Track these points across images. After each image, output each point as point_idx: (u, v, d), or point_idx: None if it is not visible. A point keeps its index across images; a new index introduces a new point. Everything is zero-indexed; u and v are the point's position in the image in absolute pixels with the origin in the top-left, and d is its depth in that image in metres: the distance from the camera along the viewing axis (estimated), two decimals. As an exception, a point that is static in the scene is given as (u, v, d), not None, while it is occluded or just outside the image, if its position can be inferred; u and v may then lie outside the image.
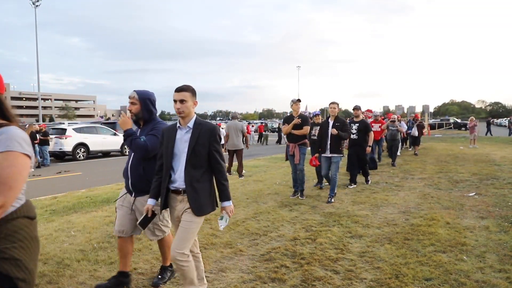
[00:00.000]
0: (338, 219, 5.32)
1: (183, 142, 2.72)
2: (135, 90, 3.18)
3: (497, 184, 7.93)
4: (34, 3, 35.65)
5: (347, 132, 6.54)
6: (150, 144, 3.02)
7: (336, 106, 6.60)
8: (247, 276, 3.49)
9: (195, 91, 2.79)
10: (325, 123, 6.72)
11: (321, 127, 6.80)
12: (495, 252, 3.96)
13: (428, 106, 55.97)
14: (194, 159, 2.68)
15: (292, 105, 7.03)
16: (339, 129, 6.38)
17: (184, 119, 2.74)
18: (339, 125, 6.45)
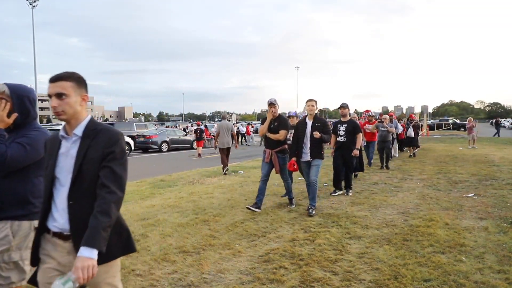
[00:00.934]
0: (337, 220, 5.30)
1: (68, 158, 1.84)
2: (5, 83, 2.33)
3: (496, 184, 7.93)
4: (31, 3, 35.57)
5: (329, 134, 5.85)
6: (11, 154, 2.16)
7: (314, 103, 5.84)
8: (245, 277, 3.47)
9: (84, 81, 1.91)
10: (302, 123, 5.90)
11: (297, 128, 5.92)
12: (494, 253, 3.95)
13: (427, 106, 56.13)
14: (82, 184, 1.80)
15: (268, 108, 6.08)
16: (319, 130, 5.67)
17: (70, 123, 1.85)
18: (319, 125, 5.73)
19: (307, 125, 5.82)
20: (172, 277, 3.48)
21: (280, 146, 5.89)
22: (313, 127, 5.71)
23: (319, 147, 5.74)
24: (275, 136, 5.82)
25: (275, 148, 5.89)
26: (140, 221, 5.39)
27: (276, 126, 5.86)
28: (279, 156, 5.89)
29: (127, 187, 2.08)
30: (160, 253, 4.07)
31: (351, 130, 7.20)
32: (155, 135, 20.62)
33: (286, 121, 5.95)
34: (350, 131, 7.19)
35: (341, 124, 7.34)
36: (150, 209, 6.17)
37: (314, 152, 5.75)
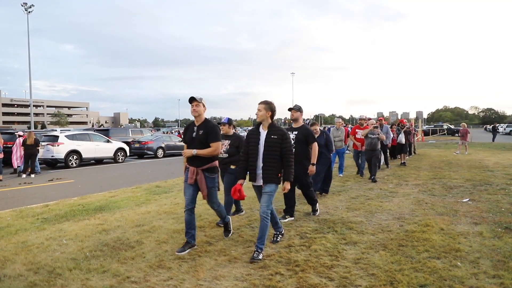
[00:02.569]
0: (332, 226, 5.30)
1: None
2: None
3: (491, 190, 7.97)
4: (27, 9, 35.57)
5: (289, 148, 4.26)
6: None
7: (263, 108, 4.26)
8: (241, 283, 3.45)
9: None
10: (254, 133, 4.35)
11: (248, 139, 4.42)
12: (489, 258, 3.97)
13: (421, 112, 56.58)
14: None
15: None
16: (276, 144, 4.20)
17: None
18: (276, 138, 4.20)
19: (260, 136, 4.29)
20: (168, 284, 3.45)
21: (209, 163, 4.38)
22: (267, 140, 4.23)
23: (275, 167, 4.20)
24: (206, 152, 4.28)
25: (201, 165, 4.35)
26: (136, 228, 5.36)
27: (202, 135, 4.30)
28: (206, 176, 4.38)
29: (122, 193, 2.07)
30: (155, 260, 4.04)
31: (302, 139, 5.64)
32: (150, 141, 20.58)
33: (215, 128, 4.39)
34: (301, 140, 5.64)
35: (291, 132, 5.72)
36: (146, 215, 6.14)
37: (268, 174, 4.19)
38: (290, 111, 5.85)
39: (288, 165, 4.21)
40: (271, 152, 4.17)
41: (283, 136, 4.21)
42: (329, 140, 7.46)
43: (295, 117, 5.83)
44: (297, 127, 5.81)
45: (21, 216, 6.34)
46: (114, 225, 5.53)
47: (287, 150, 4.19)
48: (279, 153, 4.17)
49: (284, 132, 4.26)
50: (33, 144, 12.88)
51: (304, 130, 5.75)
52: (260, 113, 4.27)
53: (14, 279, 3.60)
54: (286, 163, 4.20)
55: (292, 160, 4.23)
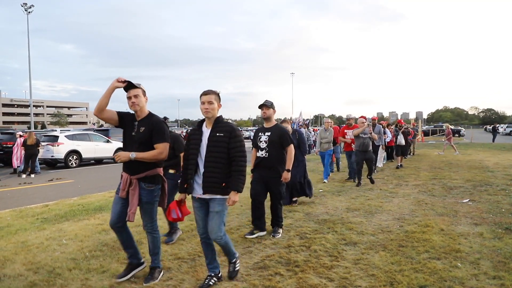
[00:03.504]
0: (332, 226, 5.30)
1: None
2: None
3: (491, 190, 7.97)
4: (26, 9, 35.58)
5: (240, 149, 3.30)
6: None
7: (215, 99, 3.32)
8: (241, 284, 3.45)
9: None
10: (195, 133, 3.42)
11: (189, 140, 3.47)
12: (489, 259, 3.96)
13: (421, 112, 56.56)
14: None
15: None
16: (222, 144, 3.27)
17: None
18: (221, 136, 3.28)
19: (202, 136, 3.37)
20: (167, 284, 3.45)
21: (148, 170, 3.39)
22: (211, 139, 3.29)
23: (220, 173, 3.24)
24: (149, 156, 3.31)
25: (137, 173, 3.37)
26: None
27: (145, 133, 3.36)
28: (142, 187, 3.39)
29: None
30: (155, 260, 4.03)
31: (277, 140, 4.82)
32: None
33: (162, 124, 3.44)
34: (275, 142, 4.82)
35: (262, 132, 4.94)
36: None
37: (209, 182, 3.25)
38: (261, 108, 4.91)
39: (238, 171, 3.26)
40: (215, 153, 3.25)
41: (231, 133, 3.28)
42: (302, 140, 6.69)
43: (268, 115, 4.92)
44: (269, 127, 4.95)
45: (21, 216, 6.33)
46: (114, 225, 5.52)
47: (236, 151, 3.26)
48: (226, 155, 3.25)
49: (233, 128, 3.33)
50: (33, 144, 12.87)
51: (279, 130, 4.88)
52: (212, 107, 3.29)
53: (14, 278, 3.60)
54: (235, 168, 3.25)
55: (243, 164, 3.29)
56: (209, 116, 3.31)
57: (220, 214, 3.31)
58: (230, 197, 3.25)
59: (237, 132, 3.32)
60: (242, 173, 3.29)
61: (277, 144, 4.83)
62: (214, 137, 3.29)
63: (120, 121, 3.51)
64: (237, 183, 3.27)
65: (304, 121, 21.15)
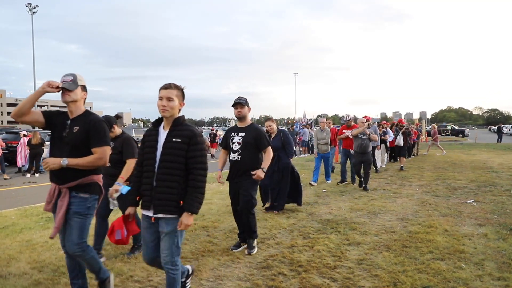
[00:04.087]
0: (335, 226, 5.29)
1: None
2: None
3: (495, 191, 7.93)
4: (31, 9, 35.75)
5: (200, 159, 2.67)
6: None
7: (176, 95, 2.72)
8: (244, 283, 3.45)
9: None
10: (151, 134, 2.81)
11: (143, 143, 2.84)
12: (494, 260, 3.94)
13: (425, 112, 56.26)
14: None
15: None
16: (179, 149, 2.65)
17: None
18: (179, 142, 2.66)
19: (158, 138, 2.74)
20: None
21: (82, 177, 2.81)
22: (167, 145, 2.67)
23: (176, 187, 2.63)
24: (84, 162, 2.75)
25: (68, 181, 2.79)
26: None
27: (79, 134, 2.79)
28: (73, 196, 2.81)
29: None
30: (158, 260, 4.04)
31: (252, 142, 4.20)
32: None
33: (101, 124, 2.86)
34: (250, 144, 4.20)
35: (235, 132, 4.34)
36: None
37: (161, 200, 2.63)
38: (235, 107, 4.28)
39: (194, 187, 2.61)
40: (170, 163, 2.61)
41: (191, 139, 2.63)
42: (288, 141, 6.17)
43: (243, 114, 4.28)
44: (244, 127, 4.33)
45: (25, 215, 6.37)
46: (118, 224, 5.53)
47: (195, 162, 2.62)
48: (183, 166, 2.63)
49: (194, 133, 2.66)
50: (38, 144, 12.93)
51: (254, 130, 4.27)
52: (171, 104, 2.66)
53: (19, 277, 3.62)
54: (192, 183, 2.62)
55: (202, 179, 2.65)
56: (167, 116, 2.69)
57: (171, 236, 2.63)
58: (182, 220, 2.58)
59: (198, 138, 2.68)
60: (200, 190, 2.64)
61: (252, 146, 4.20)
62: (170, 143, 2.65)
63: (47, 121, 2.91)
64: (191, 203, 2.59)
65: (307, 121, 21.14)
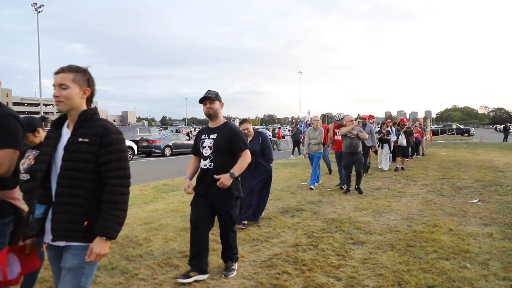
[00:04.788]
0: (340, 226, 5.28)
1: None
2: None
3: (501, 190, 7.88)
4: (36, 9, 35.96)
5: (117, 165, 2.00)
6: None
7: (71, 78, 2.00)
8: (248, 282, 3.46)
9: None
10: (50, 136, 2.13)
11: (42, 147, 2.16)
12: (499, 260, 3.92)
13: (430, 111, 55.73)
14: None
15: None
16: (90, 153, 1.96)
17: None
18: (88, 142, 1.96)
19: (59, 141, 2.06)
20: (175, 282, 3.47)
21: None
22: (69, 147, 1.98)
23: (80, 205, 1.94)
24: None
25: None
26: (143, 225, 5.39)
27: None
28: None
29: (130, 191, 2.09)
30: (163, 258, 4.07)
31: (224, 145, 3.47)
32: (158, 139, 20.67)
33: (8, 120, 2.26)
34: (223, 147, 3.46)
35: (206, 134, 3.58)
36: (153, 213, 6.18)
37: (60, 222, 1.95)
38: (203, 102, 3.53)
39: (110, 202, 1.95)
40: (74, 172, 1.93)
41: (103, 138, 1.97)
42: (267, 145, 5.55)
43: (214, 111, 3.51)
44: (216, 127, 3.56)
45: (31, 213, 6.41)
46: (122, 222, 5.56)
47: (110, 169, 1.97)
48: (93, 176, 1.96)
49: (107, 129, 1.99)
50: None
51: (228, 131, 3.50)
52: (66, 93, 1.98)
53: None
54: (107, 198, 1.95)
55: (121, 191, 1.99)
56: (63, 109, 2.01)
57: (75, 273, 1.94)
58: (92, 247, 1.91)
59: (114, 136, 1.99)
60: (119, 206, 1.96)
61: (226, 150, 3.46)
62: (74, 145, 1.94)
63: None
64: (106, 223, 1.91)
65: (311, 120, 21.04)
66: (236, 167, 3.44)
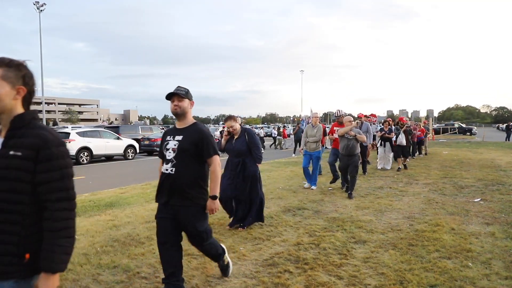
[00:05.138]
0: (341, 224, 5.28)
1: None
2: None
3: (503, 190, 7.86)
4: (39, 8, 36.00)
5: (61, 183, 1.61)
6: None
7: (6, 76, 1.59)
8: (250, 281, 3.46)
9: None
10: None
11: None
12: (501, 259, 3.92)
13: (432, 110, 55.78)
14: None
15: None
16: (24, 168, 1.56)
17: None
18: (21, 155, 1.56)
19: None
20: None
21: None
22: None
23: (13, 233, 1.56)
24: None
25: None
26: (145, 224, 5.40)
27: None
28: None
29: (132, 189, 2.09)
30: (165, 256, 4.07)
31: (191, 149, 3.02)
32: (160, 138, 20.67)
33: None
34: (189, 151, 3.01)
35: (172, 136, 3.15)
36: (155, 211, 6.17)
37: None
38: (170, 99, 3.10)
39: (53, 230, 1.61)
40: (3, 194, 1.59)
41: (40, 152, 1.60)
42: (254, 143, 5.05)
43: (181, 110, 3.06)
44: (183, 128, 3.11)
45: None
46: (125, 221, 5.58)
47: (50, 190, 1.62)
48: (27, 197, 1.61)
49: (46, 139, 1.62)
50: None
51: (195, 132, 3.03)
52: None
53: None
54: (48, 225, 1.62)
55: (65, 216, 1.64)
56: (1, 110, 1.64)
57: None
58: (38, 285, 1.59)
59: (54, 149, 1.62)
60: (63, 234, 1.62)
61: (191, 155, 2.99)
62: (4, 159, 1.59)
63: None
64: (51, 256, 1.59)
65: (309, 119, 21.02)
66: (213, 185, 3.08)
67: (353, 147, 7.29)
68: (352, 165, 7.32)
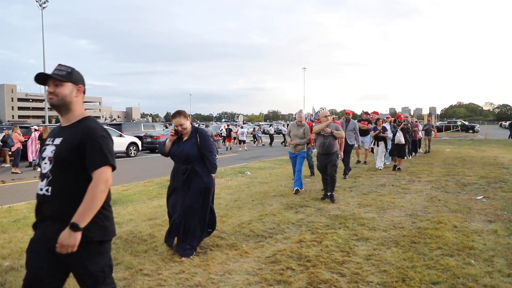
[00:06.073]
0: (344, 222, 5.29)
1: None
2: None
3: (506, 187, 7.84)
4: (41, 4, 36.03)
5: None
6: None
7: None
8: (252, 278, 3.47)
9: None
10: None
11: None
12: (504, 256, 3.91)
13: (435, 108, 55.59)
14: None
15: None
16: None
17: None
18: None
19: None
20: (179, 277, 3.49)
21: None
22: None
23: None
24: None
25: None
26: (148, 221, 5.42)
27: None
28: None
29: (135, 187, 2.10)
30: (167, 253, 4.09)
31: (68, 156, 2.06)
32: (162, 135, 20.72)
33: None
34: (68, 160, 2.07)
35: (52, 138, 2.17)
36: (158, 209, 6.20)
37: None
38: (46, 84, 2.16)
39: None
40: None
41: None
42: (207, 146, 4.09)
43: (60, 100, 2.13)
44: (67, 126, 2.19)
45: (36, 209, 6.46)
46: (127, 218, 5.60)
47: None
48: None
49: None
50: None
51: (81, 132, 2.10)
52: None
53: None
54: None
55: None
56: None
57: None
58: None
59: None
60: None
61: (72, 165, 2.07)
62: None
63: None
64: None
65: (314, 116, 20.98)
66: (83, 209, 1.99)
67: (330, 145, 6.73)
68: (330, 164, 6.73)
